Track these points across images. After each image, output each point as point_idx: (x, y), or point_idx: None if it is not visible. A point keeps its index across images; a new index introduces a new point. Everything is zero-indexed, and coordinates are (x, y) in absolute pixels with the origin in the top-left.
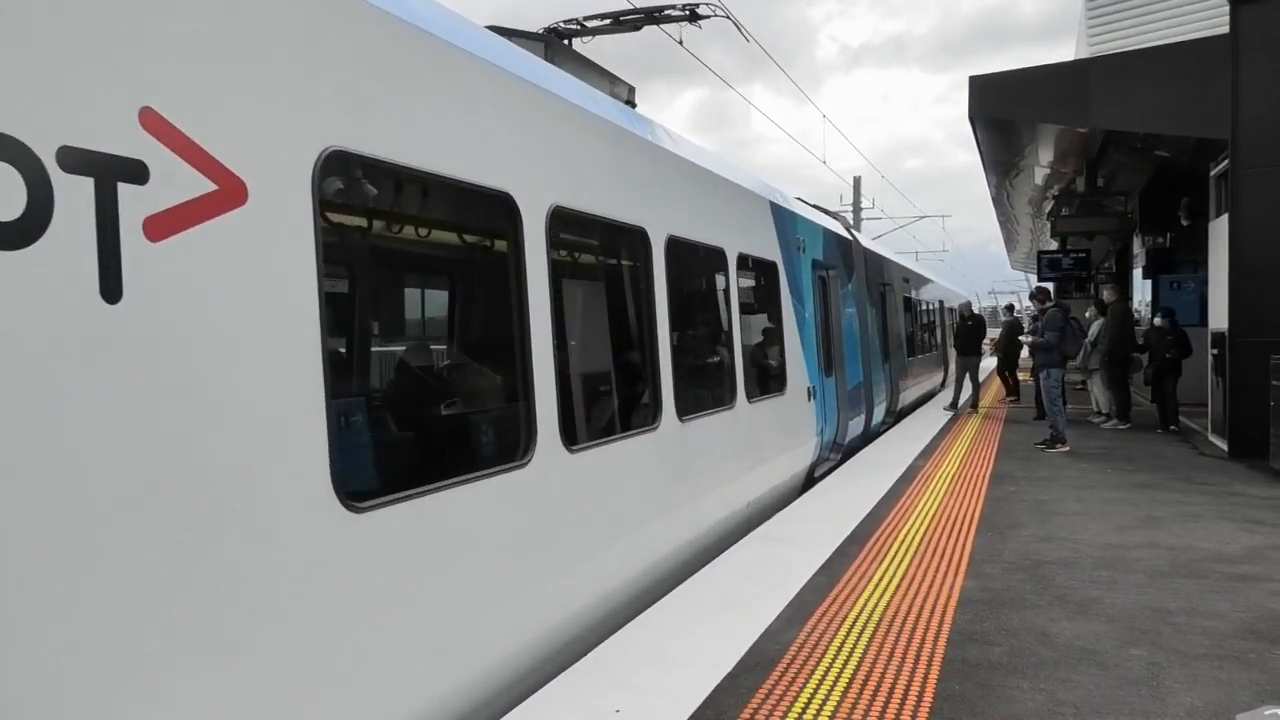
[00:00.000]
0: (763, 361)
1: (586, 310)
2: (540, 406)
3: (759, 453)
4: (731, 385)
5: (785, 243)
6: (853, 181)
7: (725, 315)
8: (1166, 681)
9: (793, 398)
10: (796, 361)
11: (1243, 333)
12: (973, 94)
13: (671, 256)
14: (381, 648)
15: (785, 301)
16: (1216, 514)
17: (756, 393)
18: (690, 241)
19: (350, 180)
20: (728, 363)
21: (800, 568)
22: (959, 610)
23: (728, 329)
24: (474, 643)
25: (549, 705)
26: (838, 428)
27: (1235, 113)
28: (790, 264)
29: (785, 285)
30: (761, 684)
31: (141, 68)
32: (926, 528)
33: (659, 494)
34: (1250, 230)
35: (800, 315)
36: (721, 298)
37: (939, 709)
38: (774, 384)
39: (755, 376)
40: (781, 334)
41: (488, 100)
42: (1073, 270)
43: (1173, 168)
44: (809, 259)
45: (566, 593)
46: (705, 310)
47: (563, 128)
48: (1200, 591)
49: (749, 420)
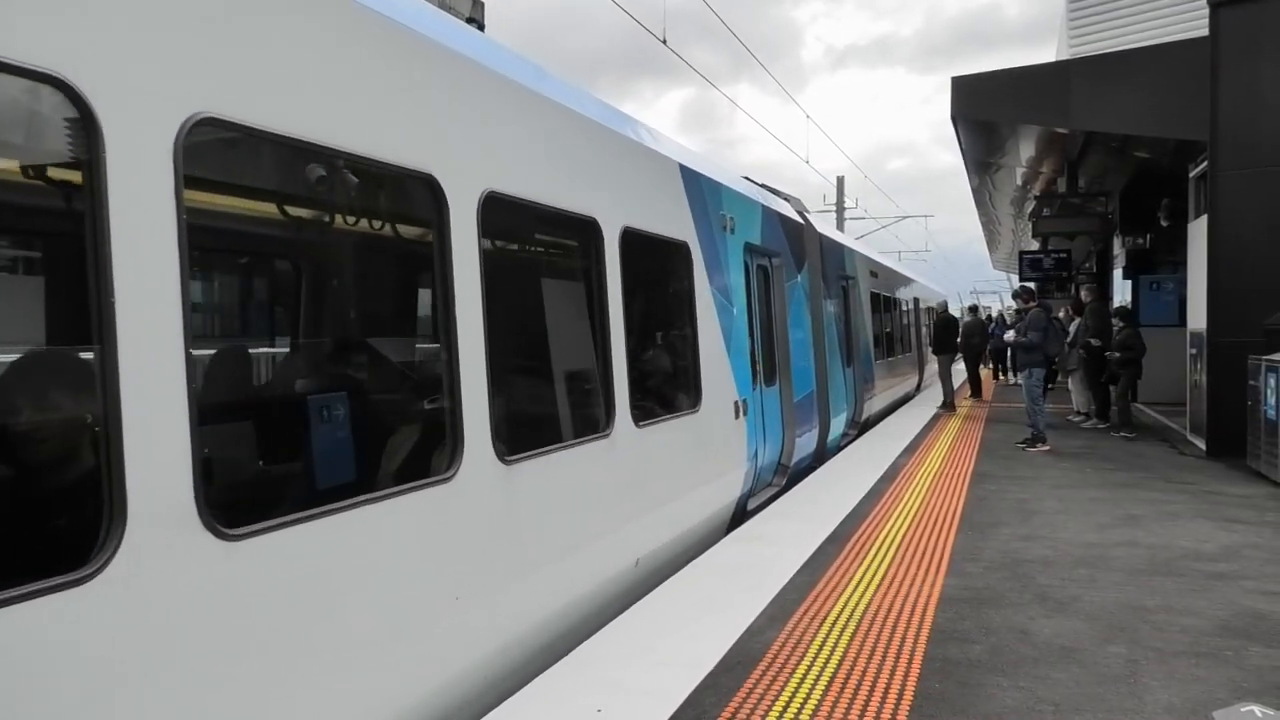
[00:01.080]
0: (661, 371)
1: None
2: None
3: (653, 493)
4: (606, 405)
5: (703, 219)
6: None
7: (596, 311)
8: (1144, 679)
9: (711, 416)
10: (719, 370)
11: (1221, 333)
12: (955, 95)
13: (494, 225)
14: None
15: (702, 294)
16: (1195, 513)
17: (649, 412)
18: (532, 206)
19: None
20: (597, 375)
21: (782, 567)
22: (940, 608)
23: (600, 329)
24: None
25: (530, 705)
26: (782, 447)
27: (1214, 115)
28: (711, 247)
29: (702, 273)
30: (743, 683)
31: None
32: (908, 526)
33: (465, 577)
34: (1228, 231)
35: (725, 312)
36: (591, 287)
37: (919, 707)
38: (680, 399)
39: (648, 391)
40: (694, 335)
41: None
42: (1054, 270)
43: (1153, 169)
44: (740, 242)
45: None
46: (559, 304)
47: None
48: (1178, 590)
49: (635, 450)
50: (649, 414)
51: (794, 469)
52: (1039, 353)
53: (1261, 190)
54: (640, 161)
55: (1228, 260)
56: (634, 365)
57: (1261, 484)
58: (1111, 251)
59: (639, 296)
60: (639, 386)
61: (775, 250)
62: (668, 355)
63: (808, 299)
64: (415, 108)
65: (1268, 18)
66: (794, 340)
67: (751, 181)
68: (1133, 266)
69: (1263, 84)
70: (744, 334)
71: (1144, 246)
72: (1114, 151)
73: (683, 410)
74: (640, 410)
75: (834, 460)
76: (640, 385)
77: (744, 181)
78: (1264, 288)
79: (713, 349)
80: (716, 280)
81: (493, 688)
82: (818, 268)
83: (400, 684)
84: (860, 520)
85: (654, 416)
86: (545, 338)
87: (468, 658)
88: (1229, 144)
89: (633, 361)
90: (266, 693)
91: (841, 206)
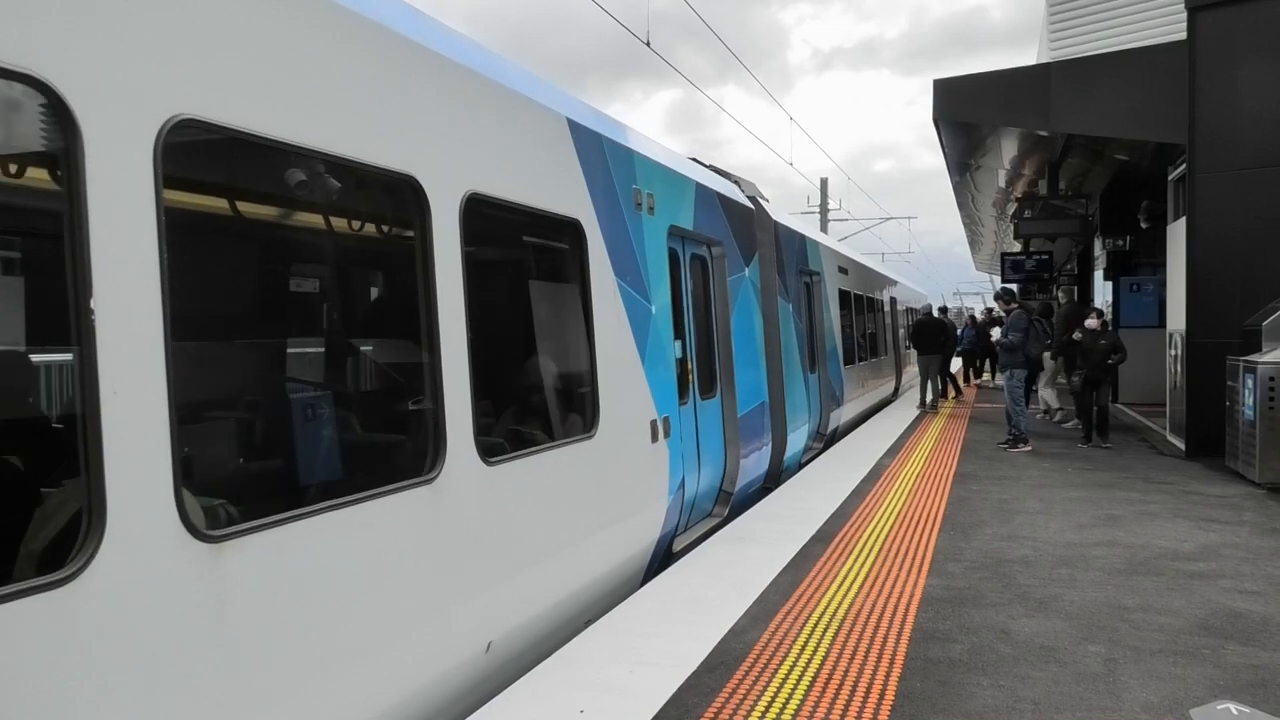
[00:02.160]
0: (529, 386)
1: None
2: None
3: (515, 552)
4: (434, 437)
5: (605, 192)
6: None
7: (423, 308)
8: (1123, 677)
9: (613, 441)
10: (627, 382)
11: (1199, 334)
12: (937, 97)
13: (255, 180)
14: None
15: (600, 287)
16: (1173, 512)
17: (510, 443)
18: (316, 156)
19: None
20: (426, 395)
21: (766, 567)
22: (921, 608)
23: (427, 334)
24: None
25: (514, 705)
26: (723, 471)
27: (1192, 117)
28: (615, 227)
29: (601, 260)
30: (726, 682)
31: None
32: (891, 526)
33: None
34: (1207, 233)
35: (638, 310)
36: (414, 275)
37: (901, 706)
38: (564, 423)
39: (508, 415)
40: (588, 339)
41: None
42: (1036, 272)
43: (1133, 171)
44: (662, 225)
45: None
46: (354, 300)
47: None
48: (1156, 589)
49: (483, 496)
50: (509, 445)
51: (740, 495)
52: (1020, 354)
53: (1239, 192)
54: (512, 113)
55: (1206, 262)
56: (484, 380)
57: (1239, 484)
58: (1093, 253)
59: (495, 287)
60: (493, 409)
61: (714, 237)
62: (543, 366)
63: (758, 296)
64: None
65: (1245, 21)
66: (739, 344)
67: (700, 164)
68: (1113, 268)
69: (1240, 87)
70: (667, 338)
71: (1124, 248)
72: (1094, 154)
73: (568, 437)
74: (493, 441)
75: (817, 461)
76: (495, 407)
77: (680, 158)
78: (1242, 289)
79: (617, 357)
80: (625, 270)
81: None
82: (772, 260)
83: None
84: (845, 520)
85: (517, 448)
86: (342, 350)
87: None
88: (1207, 146)
89: (482, 375)
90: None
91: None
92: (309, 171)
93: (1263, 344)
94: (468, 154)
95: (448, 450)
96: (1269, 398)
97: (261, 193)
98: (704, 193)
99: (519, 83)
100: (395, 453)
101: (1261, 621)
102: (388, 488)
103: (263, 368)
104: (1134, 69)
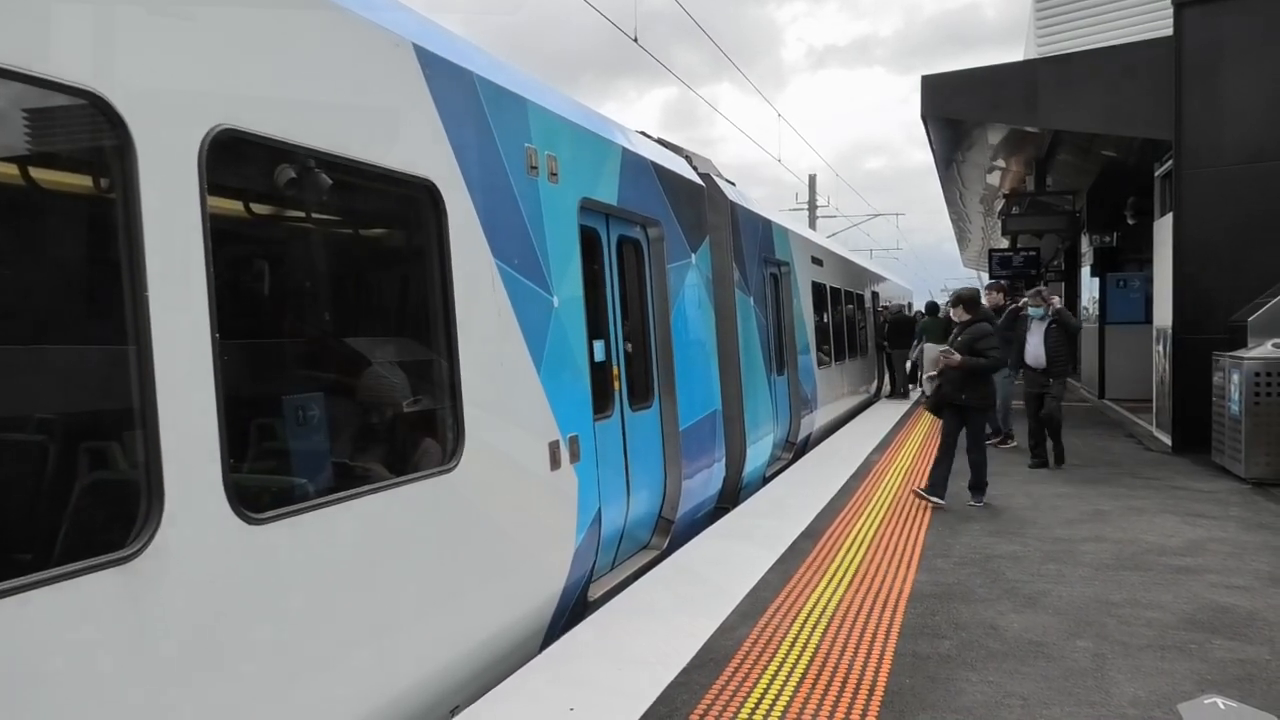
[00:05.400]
0: (340, 408)
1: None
2: None
3: (305, 647)
4: (143, 483)
5: (479, 148)
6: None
7: (129, 294)
8: (1111, 672)
9: (489, 473)
10: (513, 395)
11: (1186, 330)
12: (925, 94)
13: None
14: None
15: (469, 271)
16: (1160, 508)
17: (308, 486)
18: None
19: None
20: (122, 432)
21: (755, 563)
22: (910, 604)
23: (131, 332)
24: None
25: (503, 703)
26: (663, 498)
27: (1178, 114)
28: (496, 195)
29: (470, 236)
30: (715, 680)
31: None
32: (880, 522)
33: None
34: (1193, 230)
35: (530, 302)
36: (109, 246)
37: (890, 702)
38: (405, 454)
39: (298, 446)
40: (446, 340)
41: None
42: (1023, 268)
43: (1119, 168)
44: (571, 196)
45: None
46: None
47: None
48: (1144, 584)
49: (243, 571)
50: (291, 492)
51: (684, 521)
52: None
53: (1225, 189)
54: (319, 27)
55: (1193, 258)
56: (243, 398)
57: (1226, 479)
58: (1080, 249)
59: (284, 268)
60: (267, 441)
61: (650, 218)
62: (365, 377)
63: (709, 288)
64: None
65: (1231, 18)
66: (683, 344)
67: (648, 137)
68: (1100, 264)
69: (1226, 84)
70: (577, 337)
71: (1111, 244)
72: (1081, 150)
73: (406, 473)
74: (259, 486)
75: (806, 459)
76: (265, 436)
77: (607, 121)
78: (1228, 285)
79: (495, 362)
80: (510, 252)
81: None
82: (728, 246)
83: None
84: (834, 516)
85: (308, 496)
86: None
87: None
88: (1193, 143)
89: (241, 391)
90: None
91: (813, 205)
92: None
93: (1248, 339)
94: (217, 71)
95: (165, 506)
96: (1255, 393)
97: None
98: (633, 161)
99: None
100: (75, 519)
101: (1248, 616)
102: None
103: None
104: (1120, 65)
